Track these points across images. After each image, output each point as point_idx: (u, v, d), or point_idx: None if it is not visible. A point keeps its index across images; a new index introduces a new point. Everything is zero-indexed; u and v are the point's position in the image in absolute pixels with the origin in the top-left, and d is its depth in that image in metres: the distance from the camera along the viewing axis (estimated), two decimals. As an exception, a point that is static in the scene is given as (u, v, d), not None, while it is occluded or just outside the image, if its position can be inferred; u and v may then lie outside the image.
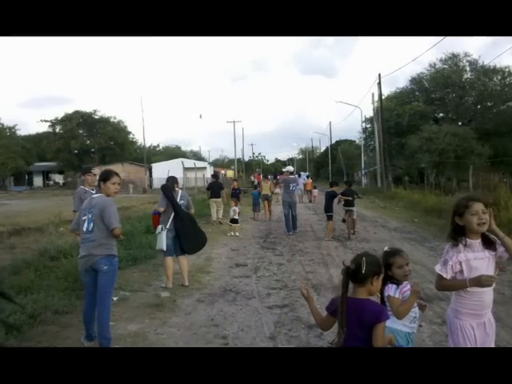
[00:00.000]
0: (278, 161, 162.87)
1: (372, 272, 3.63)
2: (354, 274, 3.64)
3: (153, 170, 77.69)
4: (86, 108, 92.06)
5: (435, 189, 37.31)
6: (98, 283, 6.27)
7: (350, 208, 16.70)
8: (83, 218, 6.42)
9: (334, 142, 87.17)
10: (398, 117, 49.15)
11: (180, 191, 10.11)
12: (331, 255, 12.94)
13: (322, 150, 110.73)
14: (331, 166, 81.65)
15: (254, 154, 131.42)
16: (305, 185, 37.16)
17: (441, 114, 54.08)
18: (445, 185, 39.87)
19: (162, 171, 55.69)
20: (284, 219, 18.37)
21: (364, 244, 14.70)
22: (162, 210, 9.67)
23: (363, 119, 58.23)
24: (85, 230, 6.38)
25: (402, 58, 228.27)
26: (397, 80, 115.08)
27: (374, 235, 16.95)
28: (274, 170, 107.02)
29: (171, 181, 10.12)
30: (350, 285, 3.68)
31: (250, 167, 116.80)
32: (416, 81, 53.56)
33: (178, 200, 9.73)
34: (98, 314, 6.26)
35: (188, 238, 9.62)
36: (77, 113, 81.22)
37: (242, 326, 7.26)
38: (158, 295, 9.01)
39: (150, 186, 71.60)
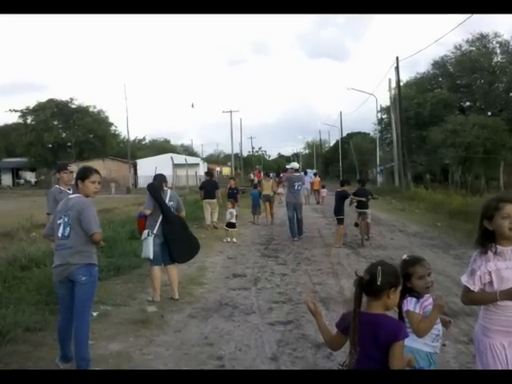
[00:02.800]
0: (281, 156, 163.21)
1: (389, 283, 3.63)
2: (368, 286, 3.63)
3: (138, 166, 77.70)
4: (62, 96, 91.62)
5: (461, 188, 37.37)
6: (76, 296, 6.23)
7: (364, 210, 16.68)
8: (58, 222, 6.39)
9: (345, 134, 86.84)
10: (419, 106, 49.07)
11: (169, 191, 10.10)
12: (342, 264, 12.94)
13: (332, 144, 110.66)
14: (342, 162, 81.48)
15: (253, 148, 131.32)
16: (312, 184, 37.11)
17: (467, 103, 54.13)
18: (472, 184, 39.87)
19: (148, 168, 55.60)
20: (288, 223, 18.38)
21: (380, 251, 14.69)
22: (148, 212, 9.67)
23: (378, 109, 58.25)
24: (60, 235, 6.34)
25: (422, 39, 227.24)
26: (417, 64, 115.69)
27: (391, 241, 16.97)
28: (277, 166, 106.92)
29: (159, 179, 10.11)
30: (364, 298, 3.67)
31: (249, 164, 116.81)
32: (439, 65, 53.53)
33: (166, 201, 9.72)
34: (76, 331, 6.23)
35: (178, 244, 9.61)
36: (51, 101, 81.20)
37: (239, 346, 7.26)
38: (144, 310, 9.01)
39: (135, 185, 71.69)
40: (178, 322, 8.45)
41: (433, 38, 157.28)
